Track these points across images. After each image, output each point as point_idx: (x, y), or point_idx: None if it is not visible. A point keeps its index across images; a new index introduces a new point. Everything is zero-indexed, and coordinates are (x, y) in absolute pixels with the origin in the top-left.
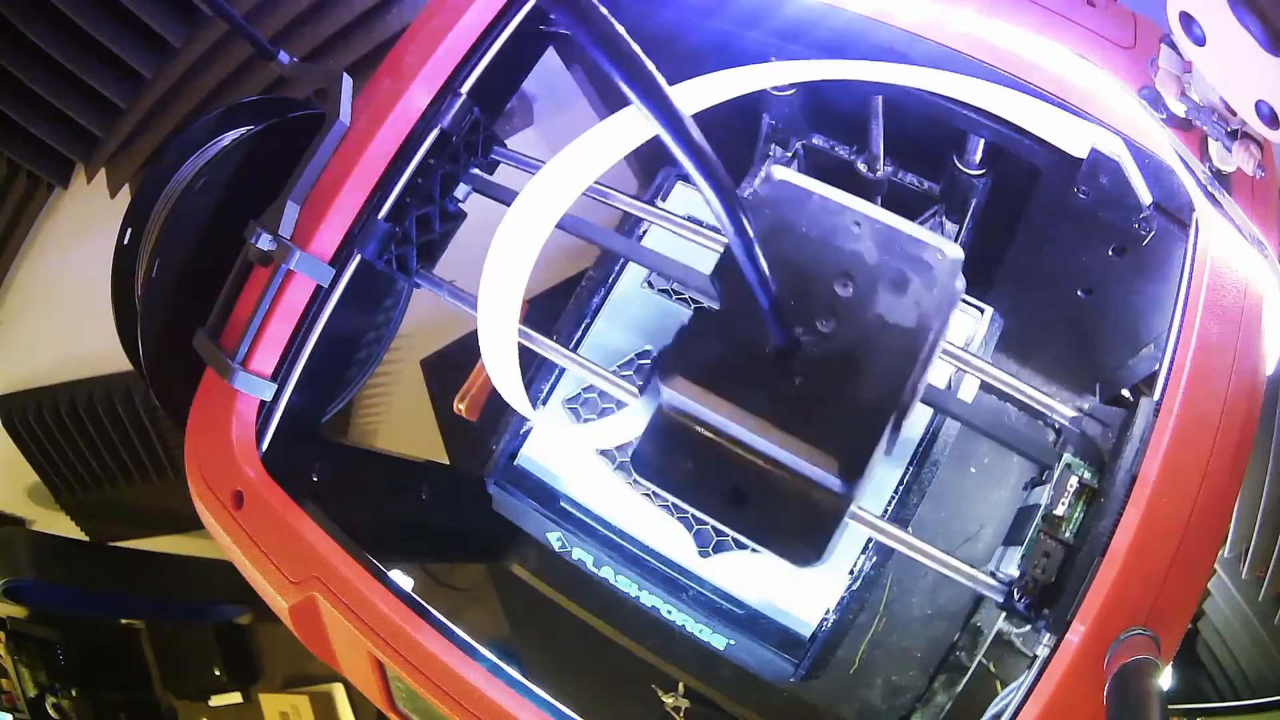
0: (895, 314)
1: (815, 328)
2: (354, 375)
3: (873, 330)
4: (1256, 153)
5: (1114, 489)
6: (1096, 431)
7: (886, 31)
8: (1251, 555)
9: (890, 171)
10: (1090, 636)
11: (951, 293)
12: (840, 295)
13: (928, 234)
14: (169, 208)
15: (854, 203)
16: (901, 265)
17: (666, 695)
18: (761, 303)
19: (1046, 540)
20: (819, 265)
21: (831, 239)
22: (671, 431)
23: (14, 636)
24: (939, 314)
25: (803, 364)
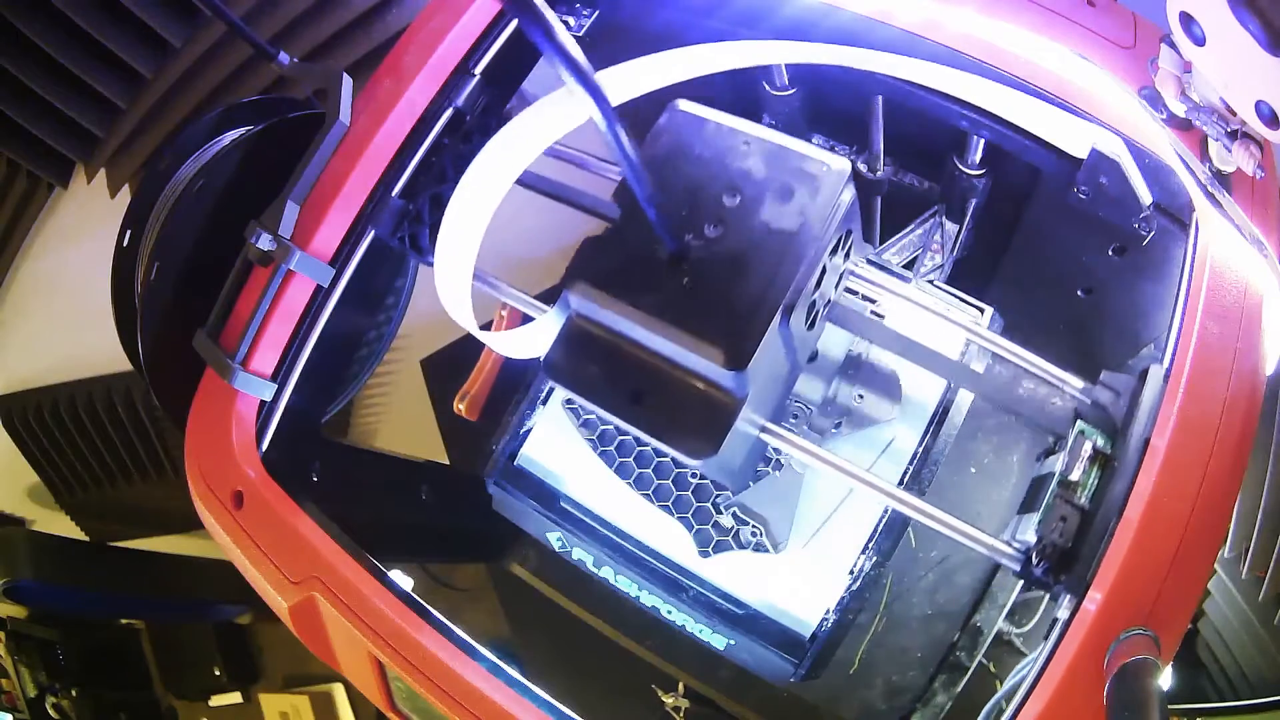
0: (780, 220)
1: (704, 234)
2: (354, 375)
3: (757, 235)
4: (1256, 153)
5: (1127, 453)
6: (1108, 399)
7: (886, 31)
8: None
9: (890, 171)
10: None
11: (835, 201)
12: (728, 205)
13: (814, 149)
14: (167, 210)
15: (746, 126)
16: (787, 178)
17: (666, 695)
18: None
19: (1062, 505)
20: (709, 180)
21: (723, 157)
22: (579, 338)
23: (14, 636)
24: (823, 219)
25: (692, 266)
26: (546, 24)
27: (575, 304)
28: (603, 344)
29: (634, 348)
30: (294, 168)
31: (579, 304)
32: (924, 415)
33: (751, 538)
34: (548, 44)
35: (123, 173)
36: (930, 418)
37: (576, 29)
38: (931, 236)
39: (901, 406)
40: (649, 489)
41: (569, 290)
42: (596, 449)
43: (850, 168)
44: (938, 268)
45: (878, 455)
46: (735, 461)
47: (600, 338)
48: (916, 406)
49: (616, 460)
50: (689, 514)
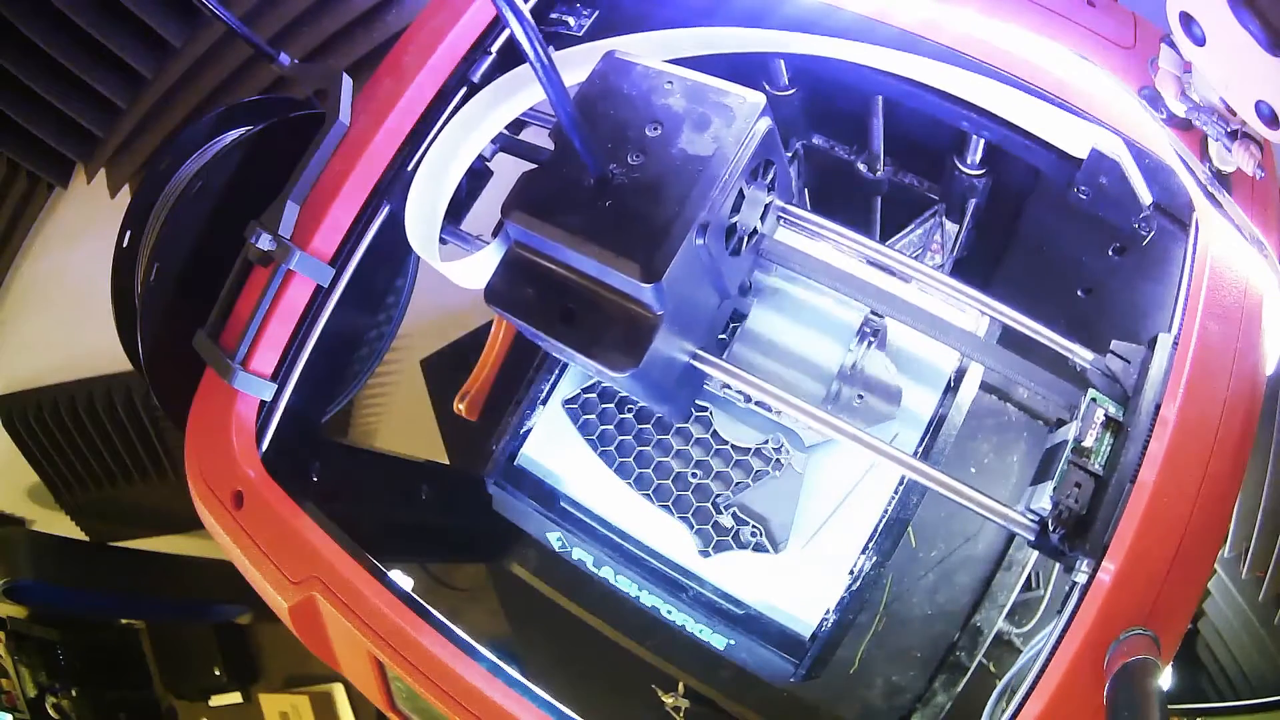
0: (695, 147)
1: (626, 161)
2: (354, 375)
3: (675, 160)
4: (1256, 153)
5: (1139, 419)
6: (1119, 367)
7: (887, 31)
8: (1251, 555)
9: (890, 171)
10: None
11: (749, 128)
12: (649, 136)
13: (730, 85)
14: (167, 211)
15: (671, 69)
16: (705, 110)
17: (666, 695)
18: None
19: (1076, 471)
20: (634, 115)
21: (647, 96)
22: (517, 264)
23: (14, 636)
24: (737, 145)
25: (615, 191)
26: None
27: (513, 231)
28: (537, 269)
29: (565, 270)
30: (294, 168)
31: (515, 231)
32: (924, 415)
33: (751, 538)
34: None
35: (123, 173)
36: (930, 418)
37: (576, 29)
38: (931, 236)
39: (901, 407)
40: (649, 489)
41: (506, 218)
42: (596, 449)
43: (764, 100)
44: (938, 268)
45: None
46: (665, 384)
47: (535, 263)
48: (917, 407)
49: (616, 460)
50: (689, 514)
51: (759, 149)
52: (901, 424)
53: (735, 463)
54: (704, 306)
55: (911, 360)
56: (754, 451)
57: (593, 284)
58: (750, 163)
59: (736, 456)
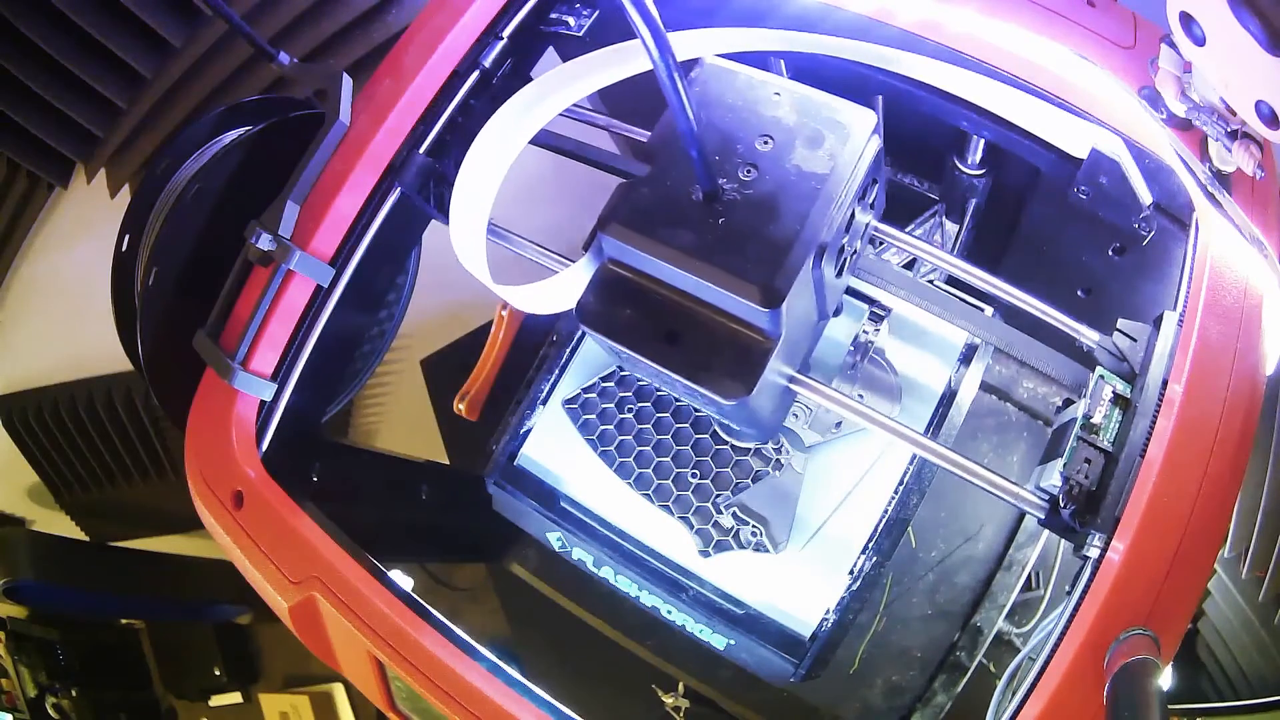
0: (810, 163)
1: (738, 177)
2: (354, 375)
3: (789, 177)
4: (1256, 153)
5: (1146, 394)
6: (1126, 345)
7: (887, 31)
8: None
9: (890, 171)
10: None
11: (864, 146)
12: (760, 150)
13: (841, 101)
14: (164, 215)
15: (775, 78)
16: (817, 125)
17: (666, 695)
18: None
19: (1086, 447)
20: (743, 128)
21: (755, 106)
22: (612, 282)
23: (14, 636)
24: (853, 163)
25: (726, 208)
26: None
27: (609, 247)
28: (636, 287)
29: (667, 290)
30: (291, 168)
31: (613, 247)
32: (924, 416)
33: (751, 538)
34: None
35: (123, 173)
36: (930, 418)
37: (576, 29)
38: (931, 236)
39: (901, 407)
40: (649, 489)
41: (603, 232)
42: (596, 449)
43: (877, 118)
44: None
45: (878, 455)
46: (764, 410)
47: (633, 281)
48: (917, 407)
49: (616, 460)
50: (689, 514)
51: (871, 167)
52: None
53: (735, 463)
54: (806, 328)
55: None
56: (754, 451)
57: (699, 305)
58: (864, 182)
59: (736, 456)
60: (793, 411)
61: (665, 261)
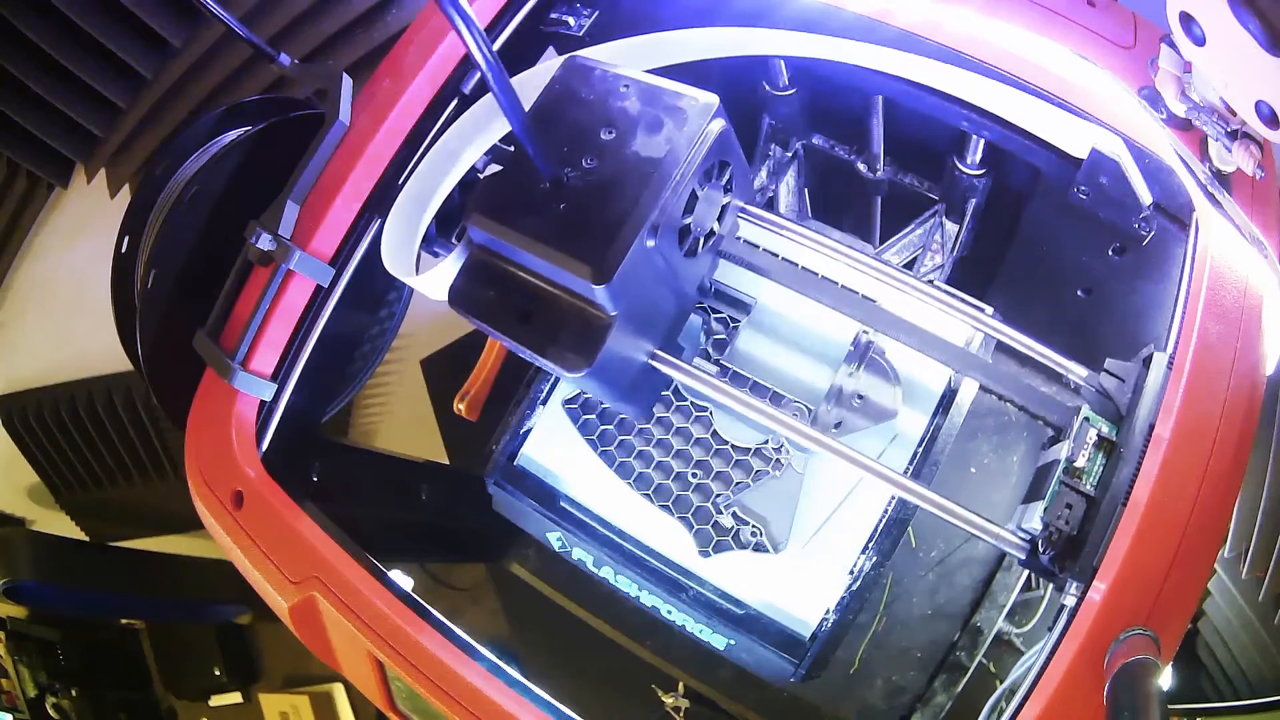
0: (648, 149)
1: (581, 165)
2: (354, 375)
3: (628, 163)
4: (1256, 153)
5: (1132, 439)
6: (1113, 385)
7: (886, 31)
8: (1251, 555)
9: (890, 172)
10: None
11: (701, 130)
12: (604, 139)
13: (685, 88)
14: (162, 217)
15: (629, 72)
16: (658, 112)
17: (666, 695)
18: (525, 145)
19: (1068, 492)
20: (589, 119)
21: (604, 99)
22: (478, 267)
23: (14, 636)
24: (689, 146)
25: (569, 194)
26: None
27: (474, 235)
28: (497, 271)
29: (523, 272)
30: (291, 168)
31: (477, 234)
32: (924, 416)
33: (751, 538)
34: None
35: (123, 173)
36: (930, 419)
37: (576, 29)
38: (931, 236)
39: (901, 407)
40: (649, 489)
41: (467, 222)
42: (596, 449)
43: (717, 101)
44: (938, 268)
45: (879, 453)
46: (622, 382)
47: (495, 265)
48: (916, 407)
49: (616, 460)
50: (689, 514)
51: (712, 149)
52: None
53: (735, 463)
54: (660, 307)
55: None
56: (754, 451)
57: (550, 285)
58: (703, 164)
59: (736, 456)
60: (792, 412)
61: (515, 245)
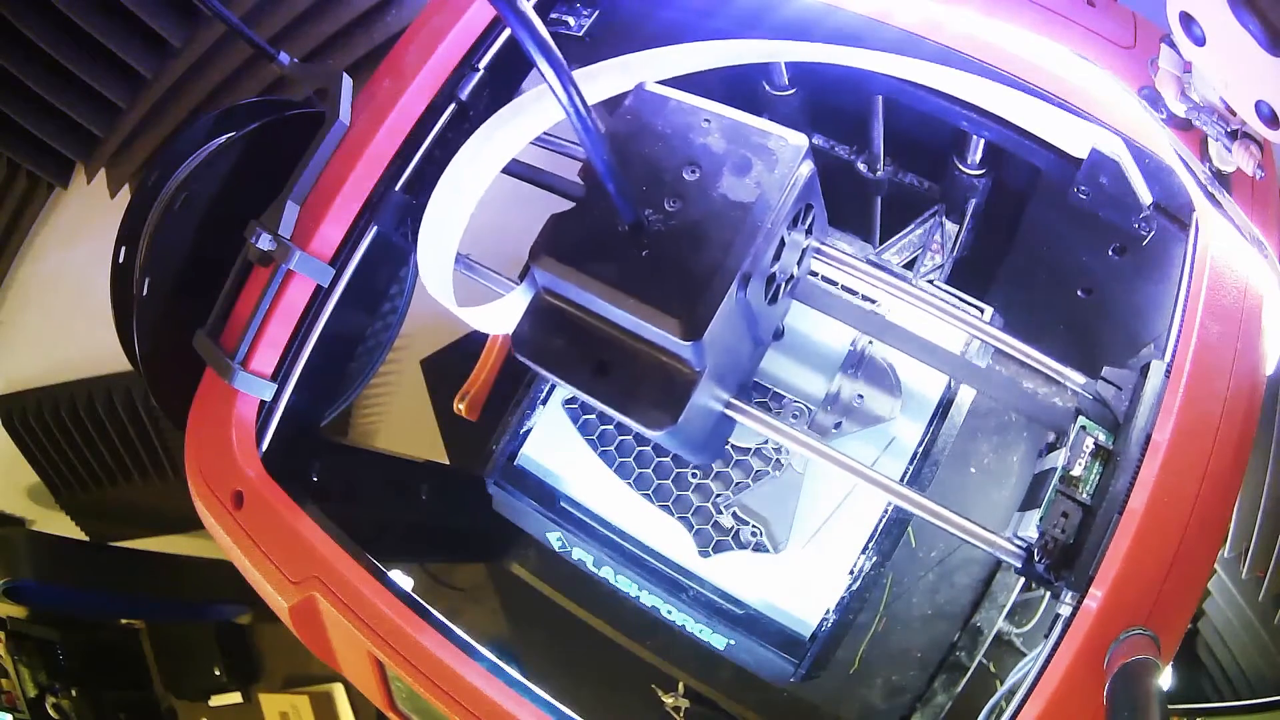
0: (737, 193)
1: (663, 207)
2: (355, 376)
3: (715, 207)
4: (1256, 153)
5: (1129, 448)
6: (1110, 394)
7: (887, 31)
8: (1251, 555)
9: (890, 171)
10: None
11: (793, 173)
12: (687, 179)
13: (771, 125)
14: (153, 227)
15: (707, 104)
16: (746, 152)
17: (666, 695)
18: (607, 185)
19: (1064, 500)
20: (670, 156)
21: (684, 134)
22: (545, 312)
23: (14, 636)
24: (781, 191)
25: (651, 239)
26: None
27: (540, 278)
28: (568, 318)
29: (597, 320)
30: (289, 168)
31: (543, 278)
32: (924, 415)
33: (751, 538)
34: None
35: (123, 173)
36: (930, 418)
37: (576, 29)
38: (931, 236)
39: (902, 406)
40: (649, 489)
41: (534, 264)
42: (596, 449)
43: (807, 142)
44: (938, 268)
45: (878, 454)
46: (699, 436)
47: (566, 311)
48: (917, 407)
49: (616, 460)
50: (689, 514)
51: (801, 194)
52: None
53: (735, 463)
54: (740, 355)
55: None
56: (754, 451)
57: (626, 336)
58: (793, 209)
59: (736, 456)
60: (792, 413)
61: (591, 293)
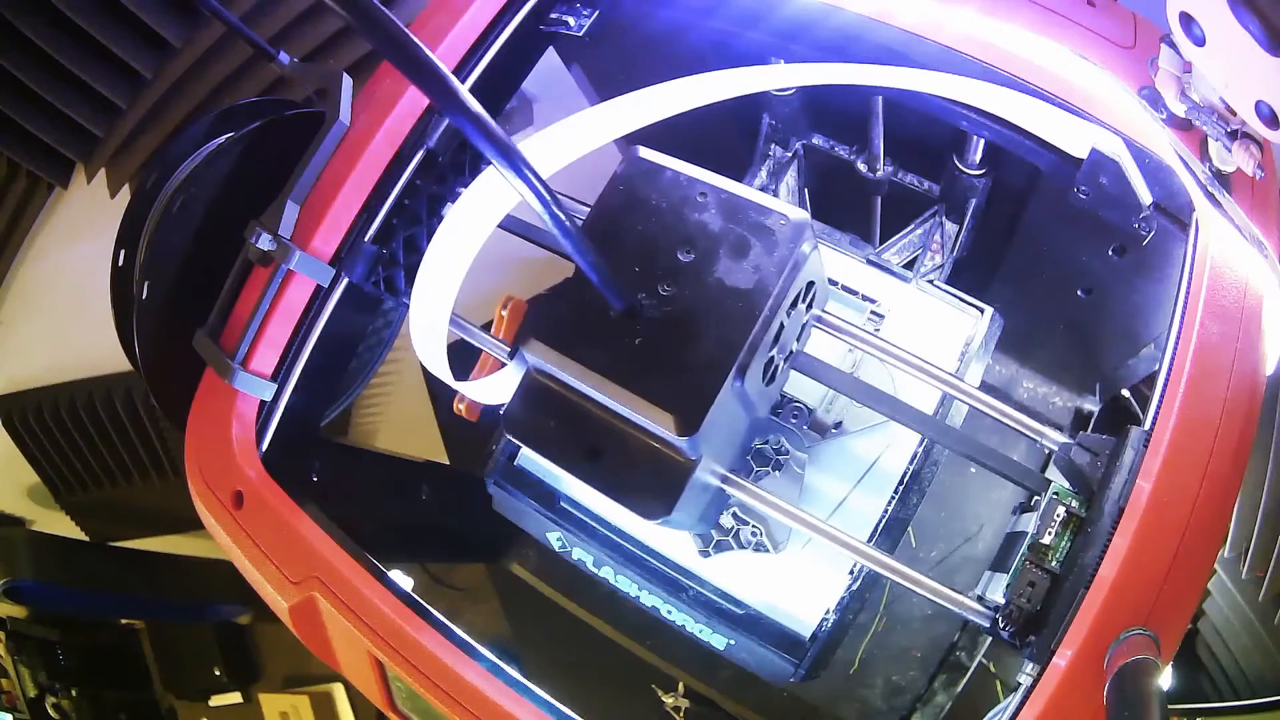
0: (734, 277)
1: (656, 292)
2: (355, 376)
3: (711, 293)
4: (1256, 153)
5: (1101, 520)
6: (1085, 461)
7: (886, 31)
8: (1251, 555)
9: (890, 171)
10: (1081, 653)
11: (794, 255)
12: (681, 261)
13: (771, 200)
14: (151, 230)
15: (703, 175)
16: (743, 231)
17: (666, 695)
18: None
19: (1032, 569)
20: (664, 235)
21: (678, 210)
22: (537, 393)
23: (14, 636)
24: (780, 275)
25: (644, 326)
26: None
27: (530, 360)
28: (559, 399)
29: (590, 404)
30: (288, 168)
31: (533, 360)
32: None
33: (751, 538)
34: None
35: (123, 173)
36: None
37: (576, 29)
38: (931, 236)
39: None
40: None
41: (522, 346)
42: None
43: (809, 219)
44: (938, 268)
45: (879, 454)
46: (694, 513)
47: (557, 393)
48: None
49: None
50: None
51: (802, 275)
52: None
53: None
54: (737, 435)
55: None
56: (754, 451)
57: (618, 420)
58: (794, 293)
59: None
60: (791, 413)
61: (582, 380)
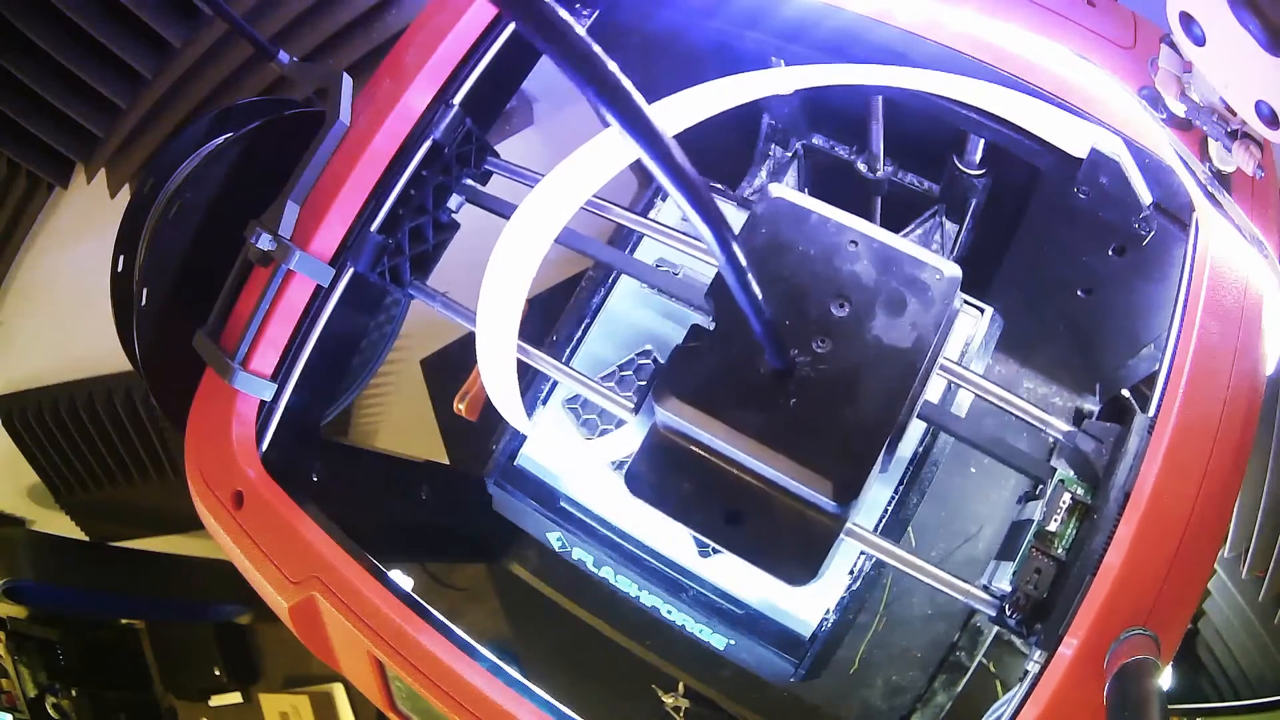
0: (891, 334)
1: (810, 348)
2: (355, 376)
3: (869, 351)
4: (1256, 153)
5: (1107, 506)
6: (1090, 448)
7: (886, 31)
8: (1251, 555)
9: (890, 171)
10: (1088, 640)
11: (949, 312)
12: (836, 316)
13: (925, 253)
14: (153, 228)
15: (851, 221)
16: (898, 285)
17: (666, 695)
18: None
19: (1038, 556)
20: (815, 285)
21: (829, 258)
22: (666, 451)
23: (14, 636)
24: (936, 333)
25: (798, 385)
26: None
27: (663, 418)
28: (693, 460)
29: (728, 465)
30: (287, 167)
31: (667, 418)
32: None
33: None
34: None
35: (123, 173)
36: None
37: None
38: (931, 236)
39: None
40: None
41: (657, 403)
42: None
43: (960, 274)
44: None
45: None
46: None
47: (690, 453)
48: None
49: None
50: None
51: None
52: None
53: None
54: None
55: None
56: None
57: (760, 482)
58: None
59: None
60: None
61: (728, 443)
